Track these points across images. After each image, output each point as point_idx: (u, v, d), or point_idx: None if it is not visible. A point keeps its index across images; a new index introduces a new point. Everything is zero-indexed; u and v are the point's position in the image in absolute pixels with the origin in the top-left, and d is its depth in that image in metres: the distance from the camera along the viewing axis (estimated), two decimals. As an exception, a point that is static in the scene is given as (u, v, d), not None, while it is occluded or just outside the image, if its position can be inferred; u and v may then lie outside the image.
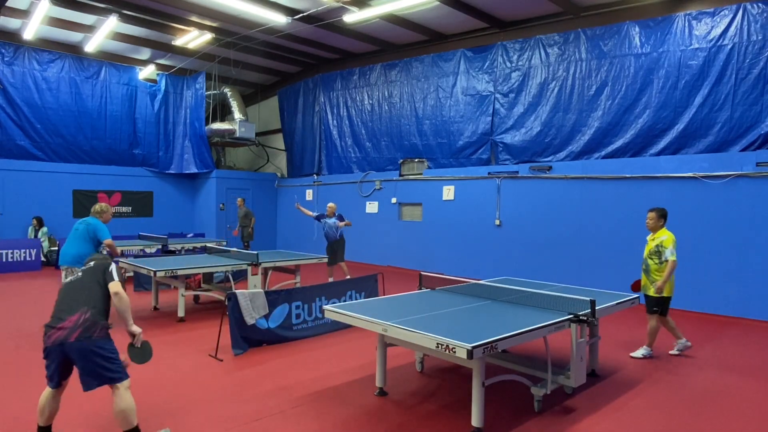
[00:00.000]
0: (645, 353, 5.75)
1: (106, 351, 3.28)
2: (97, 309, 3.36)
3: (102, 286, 3.48)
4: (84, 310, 3.31)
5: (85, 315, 3.28)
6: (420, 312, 4.37)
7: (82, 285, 3.47)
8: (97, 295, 3.43)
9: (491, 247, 11.13)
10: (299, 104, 16.06)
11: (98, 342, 3.26)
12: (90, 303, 3.36)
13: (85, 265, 3.65)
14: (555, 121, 10.25)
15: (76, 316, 3.28)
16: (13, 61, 12.86)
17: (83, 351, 3.22)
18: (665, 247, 5.60)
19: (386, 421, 3.96)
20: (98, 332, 3.28)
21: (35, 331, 6.49)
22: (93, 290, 3.44)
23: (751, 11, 8.03)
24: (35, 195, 13.26)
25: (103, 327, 3.33)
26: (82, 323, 3.25)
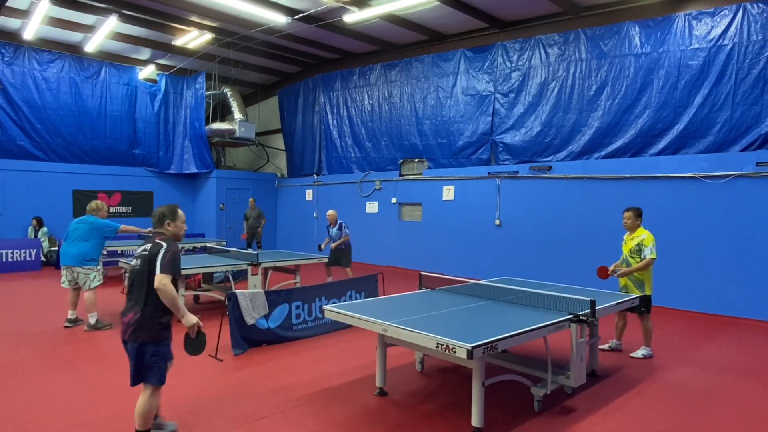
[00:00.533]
0: (645, 353, 5.74)
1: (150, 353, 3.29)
2: (148, 307, 3.27)
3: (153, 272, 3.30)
4: (135, 310, 3.28)
5: (135, 315, 3.26)
6: (420, 312, 4.37)
7: (140, 276, 3.34)
8: (150, 287, 3.28)
9: (491, 247, 11.13)
10: (299, 104, 16.05)
11: (144, 345, 3.27)
12: (141, 301, 3.29)
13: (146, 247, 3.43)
14: (555, 121, 10.25)
15: (129, 315, 3.29)
16: (13, 61, 12.85)
17: (133, 350, 3.29)
18: (645, 245, 5.61)
19: (386, 421, 3.96)
20: (144, 335, 3.25)
21: (35, 331, 6.49)
22: (145, 283, 3.31)
23: (751, 11, 8.03)
24: (35, 195, 13.26)
25: (152, 329, 3.27)
26: (133, 324, 3.26)
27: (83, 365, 5.20)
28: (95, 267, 6.66)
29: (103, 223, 6.61)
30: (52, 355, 5.51)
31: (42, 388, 4.55)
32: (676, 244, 8.51)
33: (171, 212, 3.54)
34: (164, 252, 3.28)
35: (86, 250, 6.61)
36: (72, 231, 6.65)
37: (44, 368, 5.08)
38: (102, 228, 6.61)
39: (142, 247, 3.44)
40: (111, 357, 5.48)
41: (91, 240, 6.62)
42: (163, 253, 3.28)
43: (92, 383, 4.68)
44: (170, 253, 3.30)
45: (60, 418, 3.93)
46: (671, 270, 8.55)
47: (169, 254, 3.28)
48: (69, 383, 4.67)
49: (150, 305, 3.26)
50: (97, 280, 6.65)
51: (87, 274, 6.59)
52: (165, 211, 3.53)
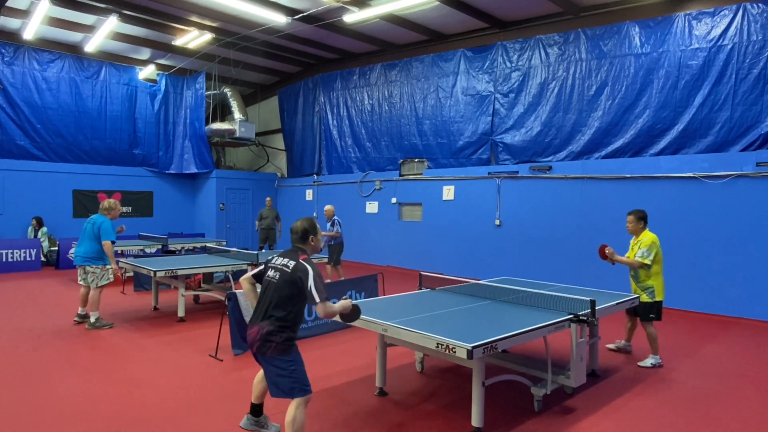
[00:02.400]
0: (654, 363, 5.47)
1: (281, 367, 3.17)
2: (279, 322, 3.17)
3: (296, 295, 3.20)
4: (263, 324, 3.18)
5: (263, 330, 3.17)
6: (420, 312, 4.37)
7: (277, 292, 3.23)
8: (282, 304, 3.20)
9: (491, 247, 11.13)
10: (299, 104, 16.05)
11: (274, 359, 3.17)
12: (270, 315, 3.19)
13: (285, 261, 3.30)
14: (555, 121, 10.25)
15: (256, 328, 3.20)
16: (13, 61, 12.85)
17: (264, 363, 3.24)
18: (641, 246, 5.46)
19: (386, 421, 3.96)
20: (272, 350, 3.15)
21: (35, 331, 6.50)
22: (280, 298, 3.20)
23: (751, 11, 8.03)
24: (35, 195, 13.26)
25: (281, 342, 3.15)
26: (261, 337, 3.16)
27: (82, 364, 5.20)
28: (102, 266, 6.68)
29: (103, 228, 6.63)
30: (52, 355, 5.50)
31: (41, 387, 4.55)
32: (677, 244, 8.50)
33: (313, 227, 3.47)
34: (314, 277, 3.17)
35: (92, 249, 6.64)
36: (83, 230, 6.75)
37: (44, 368, 5.08)
38: (99, 229, 6.63)
39: (282, 260, 3.33)
40: (111, 356, 5.48)
41: (95, 240, 6.63)
42: (313, 278, 3.17)
43: (92, 383, 4.68)
44: (319, 278, 3.21)
45: (61, 417, 3.93)
46: (671, 270, 8.52)
47: (319, 279, 3.19)
48: (69, 383, 4.67)
49: (280, 321, 3.18)
50: (104, 279, 6.67)
51: (94, 273, 6.65)
52: (308, 227, 3.45)
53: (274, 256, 3.42)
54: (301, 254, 3.35)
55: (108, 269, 6.72)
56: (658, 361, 5.51)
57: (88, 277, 6.67)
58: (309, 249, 3.45)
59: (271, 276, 3.31)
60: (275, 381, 3.19)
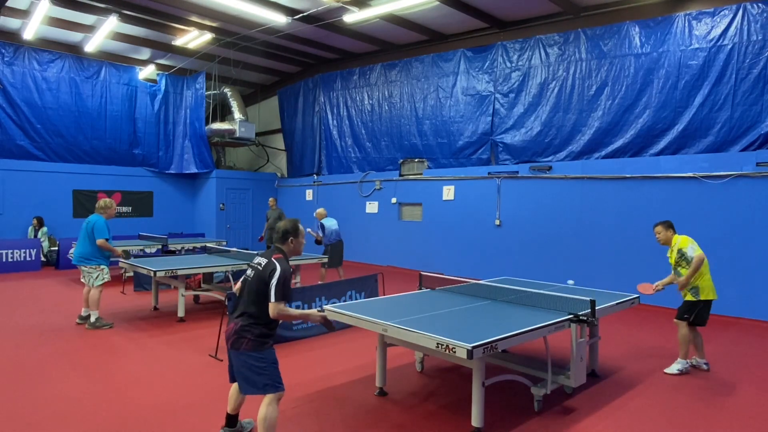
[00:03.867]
0: (680, 368, 5.18)
1: (253, 362, 3.21)
2: (252, 319, 3.27)
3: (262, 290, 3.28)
4: (238, 320, 3.27)
5: (237, 325, 3.25)
6: (420, 312, 4.37)
7: (250, 289, 3.34)
8: (255, 301, 3.29)
9: (491, 247, 11.13)
10: (299, 104, 16.05)
11: (245, 354, 3.22)
12: (246, 312, 3.29)
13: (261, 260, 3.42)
14: (555, 121, 10.25)
15: (232, 324, 3.30)
16: (13, 61, 12.85)
17: (235, 359, 3.29)
18: (684, 248, 5.37)
19: (386, 421, 3.96)
20: (245, 345, 3.22)
21: (35, 330, 6.50)
22: (252, 295, 3.30)
23: (751, 11, 8.03)
24: (35, 195, 13.25)
25: (253, 338, 3.23)
26: (235, 332, 3.25)
27: (82, 364, 5.20)
28: (98, 266, 6.68)
29: (98, 227, 6.63)
30: (52, 355, 5.50)
31: (41, 387, 4.55)
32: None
33: (294, 229, 3.51)
34: (278, 277, 3.25)
35: (87, 249, 6.66)
36: (81, 230, 6.75)
37: (44, 367, 5.08)
38: (93, 228, 6.63)
39: (258, 259, 3.45)
40: (111, 356, 5.49)
41: (90, 240, 6.65)
42: (277, 277, 3.25)
43: (92, 382, 4.68)
44: (282, 279, 3.26)
45: (61, 417, 3.93)
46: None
47: (281, 279, 3.26)
48: (68, 382, 4.67)
49: (253, 317, 3.27)
50: (99, 279, 6.67)
51: (90, 273, 6.66)
52: (289, 228, 3.50)
53: (255, 256, 3.52)
54: (276, 254, 3.41)
55: (103, 269, 6.72)
56: (685, 367, 5.24)
57: (85, 276, 6.70)
58: (287, 250, 3.49)
59: (247, 274, 3.43)
60: (246, 376, 3.22)
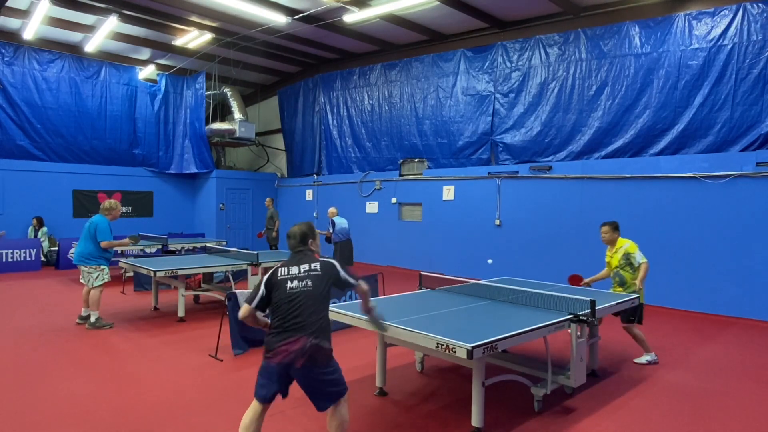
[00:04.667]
0: (650, 359, 5.55)
1: (330, 373, 3.04)
2: (325, 330, 3.03)
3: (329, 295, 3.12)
4: (307, 335, 2.95)
5: (309, 341, 2.94)
6: (420, 312, 4.37)
7: (314, 298, 3.05)
8: (323, 307, 3.07)
9: (491, 247, 11.12)
10: (299, 104, 16.05)
11: (322, 370, 3.00)
12: (314, 324, 2.99)
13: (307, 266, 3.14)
14: (555, 121, 10.25)
15: (300, 341, 2.94)
16: (13, 61, 12.85)
17: (310, 378, 3.00)
18: (632, 254, 5.53)
19: (386, 421, 3.96)
20: (322, 359, 2.99)
21: (35, 330, 6.50)
22: (320, 302, 3.06)
23: (751, 11, 8.03)
24: (35, 195, 13.25)
25: (329, 349, 3.03)
26: (310, 348, 2.93)
27: (82, 364, 5.20)
28: (98, 266, 6.68)
29: (101, 228, 6.64)
30: (52, 355, 5.50)
31: (41, 387, 4.55)
32: (676, 244, 8.51)
33: (312, 230, 3.34)
34: (341, 266, 3.22)
35: (87, 249, 6.66)
36: (83, 230, 6.76)
37: (44, 367, 5.08)
38: (95, 229, 6.64)
39: (301, 267, 3.14)
40: (111, 356, 5.49)
41: (91, 240, 6.64)
42: (340, 267, 3.21)
43: (92, 382, 4.68)
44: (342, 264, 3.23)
45: (61, 417, 3.93)
46: (671, 270, 8.55)
47: (344, 267, 3.23)
48: (69, 382, 4.67)
49: (326, 329, 3.04)
50: (99, 280, 6.67)
51: (90, 273, 6.66)
52: (306, 230, 3.31)
53: (279, 270, 3.15)
54: (314, 254, 3.30)
55: (103, 269, 6.72)
56: (654, 358, 5.58)
57: (84, 276, 6.71)
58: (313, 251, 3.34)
59: (295, 286, 3.06)
60: (326, 392, 3.04)
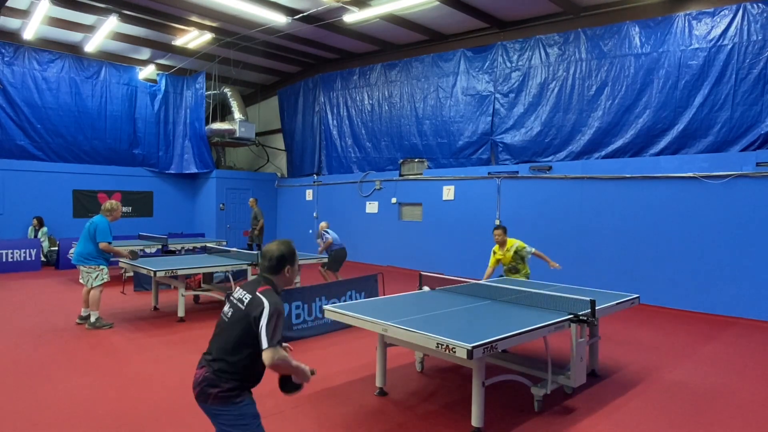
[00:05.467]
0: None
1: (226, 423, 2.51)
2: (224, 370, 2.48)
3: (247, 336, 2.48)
4: (208, 367, 2.52)
5: (205, 374, 2.51)
6: (420, 312, 4.37)
7: (228, 330, 2.55)
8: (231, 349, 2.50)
9: (491, 247, 11.09)
10: (299, 104, 16.05)
11: (216, 409, 2.50)
12: (217, 358, 2.51)
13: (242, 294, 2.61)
14: (555, 121, 10.25)
15: (201, 370, 2.54)
16: (13, 61, 12.85)
17: (208, 413, 2.56)
18: (524, 248, 6.88)
19: (386, 421, 3.96)
20: (212, 399, 2.47)
21: (35, 330, 6.50)
22: (229, 341, 2.52)
23: (751, 11, 8.03)
24: (35, 195, 13.25)
25: (221, 392, 2.46)
26: (201, 381, 2.51)
27: (82, 364, 5.20)
28: (97, 266, 6.68)
29: (100, 229, 6.64)
30: (52, 355, 5.50)
31: (40, 387, 4.55)
32: (676, 244, 8.51)
33: (292, 254, 2.69)
34: (269, 316, 2.44)
35: (87, 249, 6.67)
36: (83, 230, 6.76)
37: (44, 367, 5.08)
38: (95, 230, 6.64)
39: (240, 293, 2.62)
40: (111, 356, 5.49)
41: (91, 240, 6.65)
42: (267, 317, 2.43)
43: (92, 382, 4.68)
44: (275, 317, 2.46)
45: (61, 417, 3.93)
46: (671, 270, 8.56)
47: (274, 318, 2.46)
48: (69, 382, 4.68)
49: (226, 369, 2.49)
50: (98, 279, 6.67)
51: (89, 273, 6.67)
52: (286, 254, 2.65)
53: (237, 289, 2.71)
54: (264, 285, 2.59)
55: (102, 269, 6.73)
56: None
57: (83, 276, 6.71)
58: (279, 281, 2.67)
59: (224, 312, 2.64)
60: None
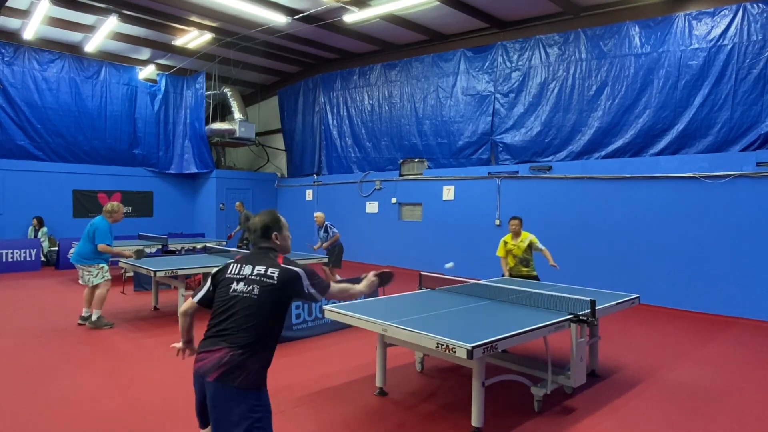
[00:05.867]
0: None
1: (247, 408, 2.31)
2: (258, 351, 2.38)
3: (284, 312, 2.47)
4: (232, 346, 2.36)
5: (231, 353, 2.35)
6: (420, 312, 4.37)
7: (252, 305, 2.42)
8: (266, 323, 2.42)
9: (491, 247, 11.07)
10: (299, 104, 16.05)
11: (241, 393, 2.32)
12: (244, 335, 2.37)
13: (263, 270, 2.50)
14: (555, 121, 10.25)
15: (223, 351, 2.37)
16: (13, 61, 12.85)
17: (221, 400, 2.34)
18: (535, 242, 6.89)
19: (386, 421, 3.96)
20: (242, 379, 2.32)
21: (35, 330, 6.50)
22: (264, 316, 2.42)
23: (751, 11, 8.03)
24: (35, 195, 13.25)
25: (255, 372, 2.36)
26: (224, 363, 2.34)
27: (82, 364, 5.20)
28: (97, 265, 6.69)
29: (100, 231, 6.64)
30: (51, 355, 5.50)
31: (41, 387, 4.55)
32: (676, 244, 8.51)
33: (276, 221, 2.66)
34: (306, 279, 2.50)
35: (86, 250, 6.68)
36: (85, 230, 6.77)
37: (44, 367, 5.08)
38: (94, 231, 6.64)
39: (260, 268, 2.51)
40: (111, 356, 5.49)
41: (90, 241, 6.66)
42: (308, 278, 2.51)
43: (92, 382, 4.68)
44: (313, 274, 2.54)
45: (61, 417, 3.93)
46: (671, 270, 8.56)
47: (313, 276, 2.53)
48: (68, 382, 4.68)
49: (261, 349, 2.40)
50: (100, 277, 6.68)
51: (89, 272, 6.69)
52: (268, 222, 2.64)
53: (231, 265, 2.62)
54: (277, 255, 2.62)
55: (103, 267, 6.73)
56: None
57: (84, 276, 6.72)
58: (279, 249, 2.68)
59: (240, 289, 2.48)
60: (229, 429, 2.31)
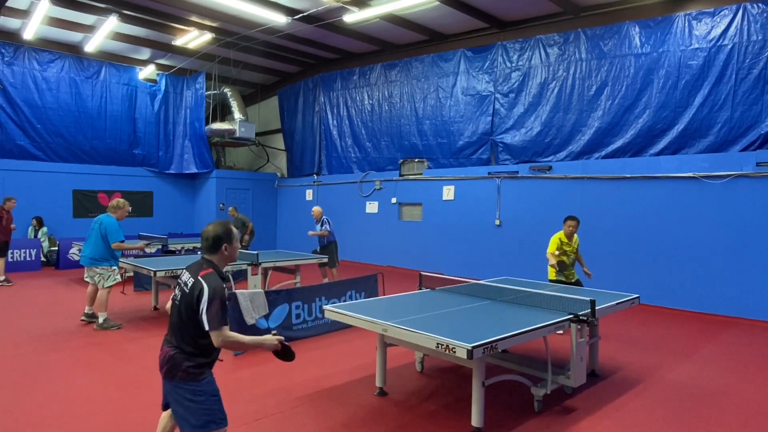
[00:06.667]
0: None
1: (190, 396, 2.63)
2: (183, 350, 2.66)
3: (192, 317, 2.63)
4: (169, 347, 2.71)
5: (169, 352, 2.68)
6: (420, 312, 4.37)
7: (178, 313, 2.71)
8: (184, 330, 2.67)
9: (491, 247, 11.12)
10: (299, 104, 16.05)
11: (179, 387, 2.65)
12: (176, 338, 2.70)
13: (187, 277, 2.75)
14: (555, 121, 10.25)
15: (165, 350, 2.73)
16: (13, 61, 12.84)
17: (173, 393, 2.69)
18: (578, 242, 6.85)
19: (386, 421, 3.96)
20: (180, 375, 2.64)
21: (35, 331, 6.50)
22: (181, 324, 2.68)
23: (751, 11, 8.03)
24: (35, 195, 13.25)
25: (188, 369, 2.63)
26: (168, 361, 2.67)
27: (82, 364, 5.20)
28: (109, 267, 6.67)
29: (111, 229, 6.58)
30: (51, 355, 5.50)
31: (42, 387, 4.55)
32: (676, 244, 8.51)
33: (228, 234, 2.82)
34: (209, 300, 2.58)
35: (97, 250, 6.63)
36: (90, 230, 6.73)
37: (44, 368, 5.08)
38: (106, 230, 6.61)
39: (185, 276, 2.77)
40: (111, 356, 5.49)
41: (102, 240, 6.61)
42: (207, 301, 2.58)
43: (92, 382, 4.68)
44: (216, 301, 2.59)
45: (61, 417, 3.93)
46: (671, 270, 8.56)
47: (215, 303, 2.59)
48: (69, 382, 4.68)
49: (190, 346, 2.66)
50: (111, 280, 6.67)
51: (101, 274, 6.66)
52: (221, 233, 2.79)
53: (183, 271, 2.84)
54: (205, 268, 2.73)
55: (114, 270, 6.72)
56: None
57: (95, 277, 6.69)
58: (219, 260, 2.82)
59: (176, 294, 2.77)
60: (182, 414, 2.64)
